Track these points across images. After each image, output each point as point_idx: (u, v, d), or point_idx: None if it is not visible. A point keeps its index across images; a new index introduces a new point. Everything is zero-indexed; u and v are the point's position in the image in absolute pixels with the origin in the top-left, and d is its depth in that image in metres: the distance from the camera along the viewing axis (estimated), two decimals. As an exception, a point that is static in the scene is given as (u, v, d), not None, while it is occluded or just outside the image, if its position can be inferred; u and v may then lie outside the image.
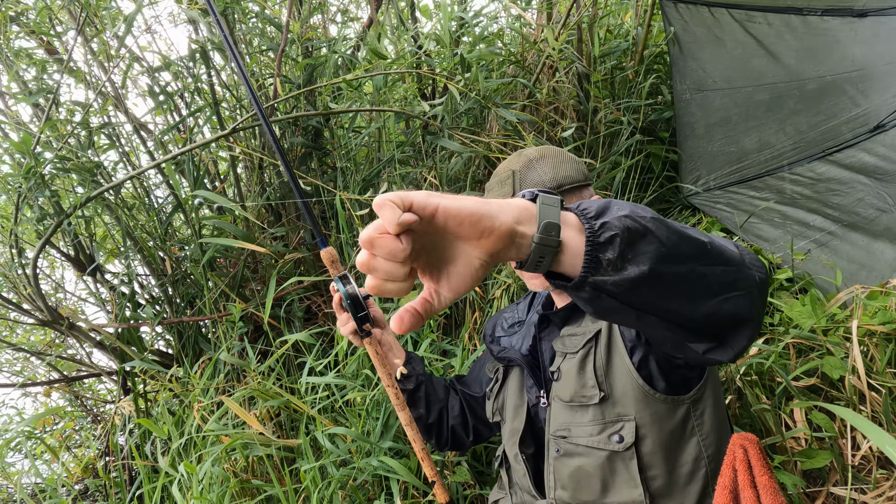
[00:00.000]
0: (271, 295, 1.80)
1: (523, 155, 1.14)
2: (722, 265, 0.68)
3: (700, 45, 2.39)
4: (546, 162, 1.11)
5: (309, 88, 1.93)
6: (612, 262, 0.58)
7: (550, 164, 1.11)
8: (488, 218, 0.55)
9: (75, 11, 2.01)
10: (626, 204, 0.64)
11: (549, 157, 1.12)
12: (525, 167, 1.11)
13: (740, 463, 0.90)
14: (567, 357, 1.08)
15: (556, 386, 1.08)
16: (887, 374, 1.65)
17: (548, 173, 1.10)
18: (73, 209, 1.87)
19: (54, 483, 2.14)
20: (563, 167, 1.11)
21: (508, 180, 1.11)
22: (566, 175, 1.10)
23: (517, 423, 1.20)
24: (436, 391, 1.40)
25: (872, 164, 2.35)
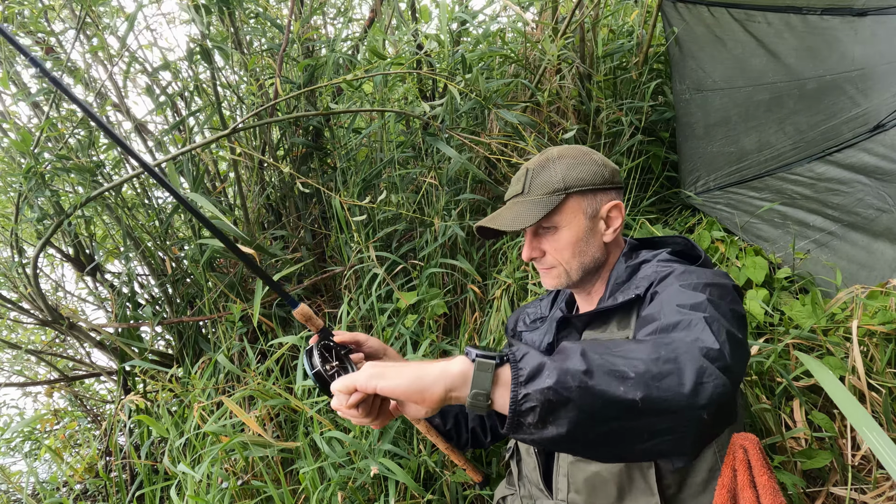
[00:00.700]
0: (258, 297, 1.80)
1: (545, 154, 1.17)
2: (656, 416, 0.69)
3: (700, 44, 2.38)
4: (561, 162, 1.13)
5: (309, 89, 1.93)
6: (533, 424, 0.68)
7: (564, 165, 1.12)
8: (420, 392, 0.71)
9: (75, 9, 2.01)
10: (570, 358, 0.69)
11: (567, 158, 1.14)
12: (540, 166, 1.14)
13: (740, 463, 0.90)
14: None
15: None
16: (887, 374, 1.65)
17: (557, 174, 1.12)
18: (74, 209, 1.87)
19: (56, 482, 2.15)
20: (576, 169, 1.12)
21: (522, 178, 1.15)
22: (577, 178, 1.11)
23: None
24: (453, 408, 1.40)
25: (872, 163, 2.34)
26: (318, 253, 2.50)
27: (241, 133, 2.18)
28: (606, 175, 1.15)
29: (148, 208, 2.32)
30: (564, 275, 1.16)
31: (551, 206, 1.10)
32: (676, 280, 0.95)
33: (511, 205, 1.17)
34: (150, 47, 2.32)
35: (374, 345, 1.20)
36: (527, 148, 2.01)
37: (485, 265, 2.32)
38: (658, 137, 2.70)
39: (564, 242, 1.13)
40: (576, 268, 1.15)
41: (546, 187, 1.12)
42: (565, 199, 1.11)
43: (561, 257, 1.14)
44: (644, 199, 2.49)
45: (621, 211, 1.15)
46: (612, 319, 1.07)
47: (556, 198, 1.11)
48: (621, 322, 1.04)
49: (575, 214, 1.12)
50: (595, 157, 1.15)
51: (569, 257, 1.14)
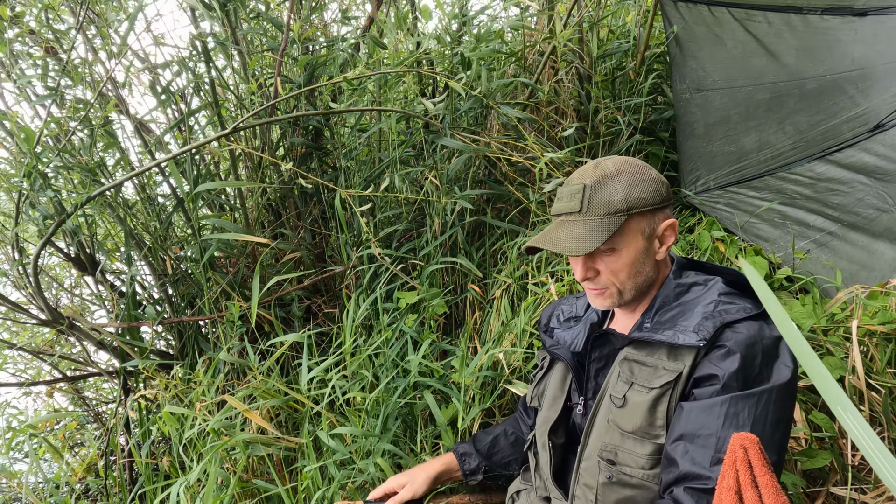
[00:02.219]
0: (255, 294, 1.80)
1: (600, 167, 1.09)
2: None
3: (700, 44, 2.38)
4: (621, 180, 1.06)
5: (309, 88, 1.93)
6: None
7: (624, 184, 1.05)
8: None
9: (75, 9, 2.01)
10: None
11: (626, 175, 1.07)
12: (598, 183, 1.06)
13: (741, 463, 0.90)
14: (636, 387, 1.04)
15: (618, 412, 1.06)
16: (887, 374, 1.66)
17: (619, 193, 1.05)
18: (75, 208, 1.87)
19: (59, 480, 2.15)
20: (637, 188, 1.05)
21: (578, 194, 1.07)
22: (639, 197, 1.05)
23: (552, 413, 1.23)
24: (502, 451, 1.43)
25: (872, 163, 2.35)
26: (318, 253, 2.50)
27: (241, 133, 2.18)
28: (664, 193, 1.09)
29: (148, 208, 2.32)
30: (617, 295, 1.11)
31: (614, 228, 1.03)
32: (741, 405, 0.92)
33: (566, 224, 1.08)
34: (151, 45, 2.32)
35: (403, 479, 1.38)
36: (527, 147, 2.01)
37: (485, 265, 2.32)
38: (657, 137, 2.70)
39: (622, 264, 1.08)
40: (630, 288, 1.10)
41: (607, 207, 1.04)
42: (627, 220, 1.05)
43: (616, 279, 1.09)
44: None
45: (675, 229, 1.11)
46: (661, 348, 1.04)
47: (619, 219, 1.04)
48: (672, 353, 1.02)
49: (634, 236, 1.07)
50: (653, 174, 1.09)
51: (624, 279, 1.09)
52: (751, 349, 0.95)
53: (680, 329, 1.02)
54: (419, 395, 1.84)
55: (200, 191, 2.00)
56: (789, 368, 0.95)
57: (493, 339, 1.98)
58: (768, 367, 0.95)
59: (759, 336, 0.96)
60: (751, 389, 0.92)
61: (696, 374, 0.98)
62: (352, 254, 2.17)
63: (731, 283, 1.10)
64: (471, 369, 1.76)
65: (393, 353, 1.93)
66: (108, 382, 2.83)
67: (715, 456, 0.91)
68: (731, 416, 0.91)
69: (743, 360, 0.93)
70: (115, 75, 2.09)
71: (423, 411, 1.84)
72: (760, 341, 0.96)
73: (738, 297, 1.04)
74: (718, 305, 1.02)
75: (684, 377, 0.99)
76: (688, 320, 1.03)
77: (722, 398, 0.92)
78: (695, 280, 1.11)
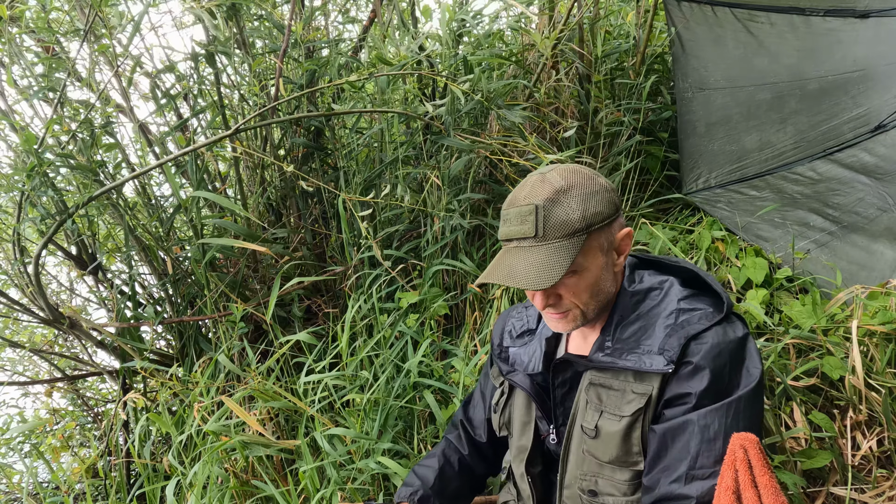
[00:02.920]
0: (275, 295, 1.80)
1: (548, 182, 0.98)
2: None
3: (702, 44, 2.38)
4: (574, 195, 0.96)
5: (311, 90, 1.93)
6: None
7: (579, 199, 0.96)
8: None
9: (83, 12, 2.02)
10: None
11: (578, 189, 0.97)
12: (550, 201, 0.95)
13: (741, 463, 0.90)
14: (606, 415, 1.00)
15: (592, 443, 1.02)
16: (887, 373, 1.65)
17: (575, 211, 0.95)
18: (76, 208, 1.88)
19: (58, 482, 2.15)
20: (592, 201, 0.96)
21: (530, 216, 0.96)
22: (596, 212, 0.96)
23: (525, 441, 1.18)
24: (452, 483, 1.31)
25: (873, 163, 2.35)
26: (319, 253, 2.50)
27: (242, 133, 2.18)
28: (616, 201, 1.02)
29: (149, 208, 2.32)
30: (581, 317, 1.04)
31: (576, 250, 0.95)
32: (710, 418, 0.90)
33: (521, 251, 0.97)
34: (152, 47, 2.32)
35: None
36: (527, 148, 2.01)
37: (485, 265, 2.32)
38: (657, 138, 2.70)
39: (585, 285, 1.00)
40: (593, 308, 1.03)
41: (565, 228, 0.95)
42: (587, 238, 0.96)
43: (580, 300, 1.01)
44: (643, 199, 2.49)
45: (631, 237, 1.04)
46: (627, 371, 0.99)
47: (579, 240, 0.95)
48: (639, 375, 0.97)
49: (594, 253, 0.99)
50: (603, 182, 1.01)
51: (587, 299, 1.01)
52: (718, 359, 0.92)
53: (644, 351, 0.97)
54: (419, 395, 1.84)
55: (199, 196, 2.00)
56: (757, 369, 0.94)
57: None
58: (737, 373, 0.93)
59: (725, 342, 0.93)
60: (720, 402, 0.90)
61: (666, 394, 0.95)
62: (353, 254, 2.17)
63: (687, 281, 1.06)
64: (469, 369, 1.76)
65: (392, 353, 1.93)
66: (105, 383, 2.83)
67: (690, 474, 0.90)
68: (703, 431, 0.90)
69: (712, 374, 0.91)
70: (117, 78, 2.10)
71: (423, 411, 1.84)
72: (726, 347, 0.93)
73: (697, 299, 1.01)
74: (680, 315, 0.98)
75: (654, 400, 0.96)
76: (651, 338, 0.98)
77: (694, 415, 0.91)
78: (650, 284, 1.06)
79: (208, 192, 1.90)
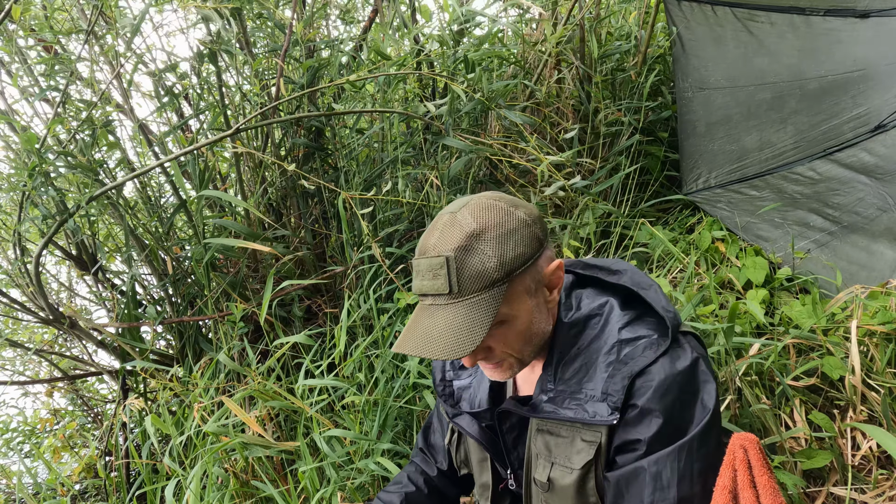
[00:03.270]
0: (268, 295, 1.80)
1: (457, 225, 0.86)
2: None
3: (702, 43, 2.39)
4: (488, 239, 0.84)
5: (312, 90, 1.93)
6: None
7: (494, 243, 0.84)
8: None
9: (84, 13, 2.02)
10: None
11: (492, 230, 0.85)
12: (462, 250, 0.84)
13: (740, 463, 0.90)
14: (557, 467, 0.94)
15: (548, 496, 0.97)
16: (887, 373, 1.65)
17: (491, 258, 0.84)
18: (77, 208, 1.88)
19: (54, 483, 2.15)
20: (510, 242, 0.85)
21: (441, 271, 0.84)
22: (516, 255, 0.85)
23: (485, 479, 1.14)
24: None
25: (873, 163, 2.35)
26: (319, 253, 2.50)
27: (243, 133, 2.18)
28: (539, 233, 0.90)
29: (149, 208, 2.33)
30: (517, 364, 0.96)
31: (497, 304, 0.85)
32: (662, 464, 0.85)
33: (436, 312, 0.87)
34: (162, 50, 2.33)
35: None
36: (527, 148, 2.01)
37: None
38: (657, 138, 2.70)
39: (515, 333, 0.91)
40: (529, 352, 0.95)
41: (482, 280, 0.84)
42: (509, 286, 0.86)
43: (512, 349, 0.92)
44: (643, 199, 2.49)
45: (562, 267, 0.94)
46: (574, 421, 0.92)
47: (499, 291, 0.85)
48: (588, 426, 0.91)
49: (521, 298, 0.89)
50: (521, 215, 0.88)
51: (521, 346, 0.93)
52: (666, 398, 0.85)
53: (587, 397, 0.91)
54: (419, 395, 1.84)
55: (205, 195, 2.00)
56: (711, 398, 0.87)
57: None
58: (689, 409, 0.87)
59: (673, 375, 0.86)
60: (673, 445, 0.85)
61: (615, 441, 0.89)
62: (353, 254, 2.17)
63: (627, 298, 0.97)
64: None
65: (392, 353, 1.93)
66: (104, 384, 2.84)
67: None
68: (655, 479, 0.85)
69: (662, 417, 0.85)
70: (118, 79, 2.10)
71: (422, 412, 1.84)
72: (675, 382, 0.86)
73: (640, 324, 0.93)
74: (622, 349, 0.91)
75: (604, 448, 0.89)
76: (593, 380, 0.91)
77: (646, 462, 0.85)
78: (588, 310, 0.97)
79: (214, 191, 1.90)
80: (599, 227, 2.31)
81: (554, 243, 2.25)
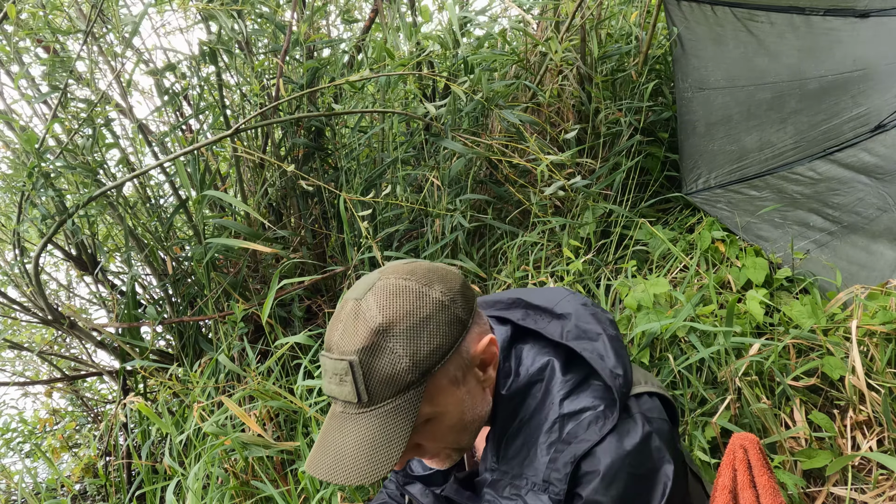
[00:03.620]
0: (272, 295, 1.80)
1: (361, 319, 0.74)
2: None
3: (702, 43, 2.38)
4: (397, 336, 0.73)
5: (312, 90, 1.93)
6: None
7: (404, 339, 0.73)
8: None
9: (83, 12, 2.02)
10: None
11: (401, 322, 0.74)
12: (368, 353, 0.73)
13: (740, 463, 0.90)
14: None
15: None
16: (887, 373, 1.65)
17: (402, 359, 0.73)
18: (76, 208, 1.88)
19: (54, 483, 2.15)
20: (423, 335, 0.74)
21: (347, 377, 0.73)
22: (431, 350, 0.74)
23: None
24: None
25: (873, 163, 2.35)
26: (319, 253, 2.50)
27: (243, 133, 2.18)
28: (460, 312, 0.78)
29: (149, 208, 2.33)
30: (456, 453, 0.87)
31: (415, 409, 0.74)
32: None
33: (346, 421, 0.76)
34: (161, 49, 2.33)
35: None
36: (527, 149, 2.01)
37: (485, 265, 2.32)
38: (657, 138, 2.70)
39: (444, 428, 0.81)
40: (466, 439, 0.85)
41: (394, 385, 0.73)
42: (427, 386, 0.76)
43: (445, 442, 0.83)
44: (643, 199, 2.49)
45: (495, 342, 0.84)
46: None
47: (416, 393, 0.74)
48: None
49: (446, 391, 0.78)
50: (435, 295, 0.76)
51: (455, 437, 0.83)
52: (616, 485, 0.76)
53: (528, 487, 0.81)
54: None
55: (207, 195, 2.00)
56: (669, 474, 0.78)
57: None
58: (644, 492, 0.77)
59: (621, 456, 0.76)
60: None
61: None
62: (353, 254, 2.17)
63: (568, 358, 0.85)
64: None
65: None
66: (104, 384, 2.84)
67: None
68: None
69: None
70: (118, 80, 2.10)
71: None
72: (624, 465, 0.76)
73: (583, 392, 0.82)
74: (564, 426, 0.80)
75: None
76: (534, 464, 0.81)
77: None
78: (528, 377, 0.85)
79: (215, 192, 1.90)
80: (599, 227, 2.31)
81: (553, 244, 2.25)
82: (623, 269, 2.13)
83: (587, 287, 2.13)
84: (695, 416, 1.63)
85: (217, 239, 1.99)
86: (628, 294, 1.92)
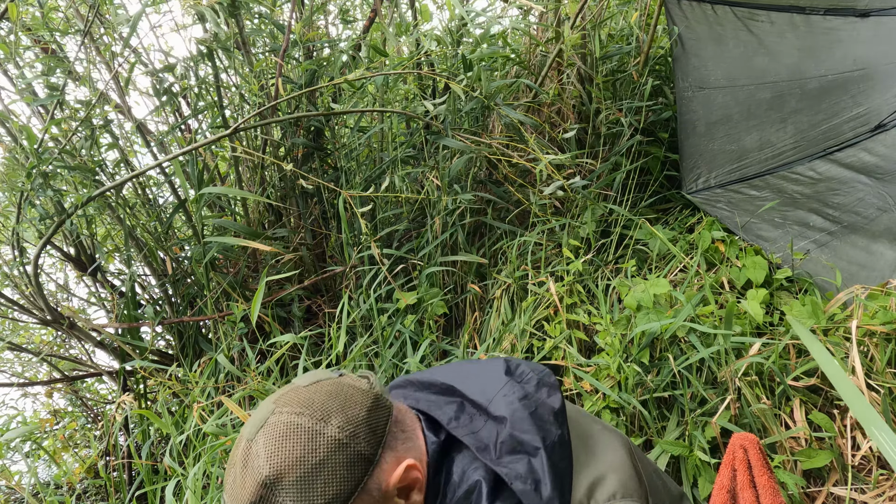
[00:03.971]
0: (259, 296, 1.80)
1: (249, 471, 0.67)
2: None
3: (702, 43, 2.38)
4: (287, 486, 0.65)
5: (311, 89, 1.93)
6: None
7: (295, 492, 0.65)
8: None
9: (79, 12, 2.02)
10: None
11: (291, 473, 0.65)
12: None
13: (740, 463, 0.90)
14: None
15: None
16: (887, 373, 1.65)
17: None
18: (75, 208, 1.88)
19: (60, 480, 2.15)
20: (317, 486, 0.65)
21: None
22: (329, 499, 0.66)
23: None
24: None
25: (873, 163, 2.35)
26: (319, 253, 2.50)
27: (242, 133, 2.18)
28: (363, 448, 0.69)
29: (148, 208, 2.32)
30: None
31: None
32: None
33: None
34: (159, 50, 2.33)
35: None
36: (527, 148, 2.01)
37: (485, 265, 2.32)
38: (657, 138, 2.70)
39: None
40: None
41: None
42: None
43: None
44: (643, 199, 2.49)
45: (417, 466, 0.74)
46: None
47: None
48: None
49: None
50: (331, 433, 0.67)
51: None
52: None
53: None
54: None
55: (204, 194, 2.00)
56: None
57: (493, 339, 1.98)
58: None
59: None
60: None
61: None
62: (352, 254, 2.17)
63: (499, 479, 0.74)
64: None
65: (391, 353, 1.93)
66: (104, 384, 2.83)
67: None
68: None
69: None
70: (116, 81, 2.09)
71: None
72: None
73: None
74: None
75: None
76: None
77: None
78: (456, 500, 0.76)
79: (216, 188, 1.90)
80: (599, 227, 2.31)
81: (553, 244, 2.25)
82: (623, 268, 2.13)
83: (587, 287, 2.13)
84: (695, 416, 1.63)
85: (216, 238, 1.99)
86: (628, 294, 1.91)
